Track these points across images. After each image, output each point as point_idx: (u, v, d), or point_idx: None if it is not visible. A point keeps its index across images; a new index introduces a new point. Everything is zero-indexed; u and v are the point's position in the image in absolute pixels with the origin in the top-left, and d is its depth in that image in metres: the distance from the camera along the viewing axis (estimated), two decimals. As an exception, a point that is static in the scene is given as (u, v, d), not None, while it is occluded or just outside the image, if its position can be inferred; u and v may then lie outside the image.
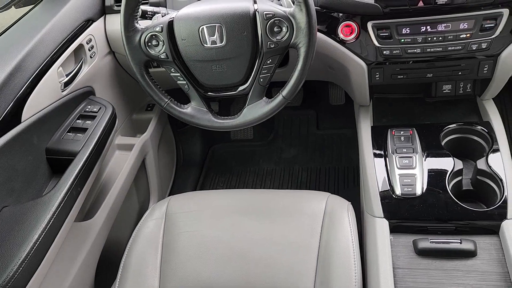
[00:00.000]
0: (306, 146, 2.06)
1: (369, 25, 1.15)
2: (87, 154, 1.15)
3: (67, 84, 1.23)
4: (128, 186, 1.49)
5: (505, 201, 1.05)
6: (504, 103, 1.80)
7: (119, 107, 1.55)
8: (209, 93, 1.10)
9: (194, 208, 1.17)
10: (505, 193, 1.06)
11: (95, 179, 1.25)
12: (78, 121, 1.24)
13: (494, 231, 1.03)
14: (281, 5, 1.05)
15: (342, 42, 1.19)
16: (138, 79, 1.09)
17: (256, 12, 1.00)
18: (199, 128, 1.13)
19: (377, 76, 1.23)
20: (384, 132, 1.26)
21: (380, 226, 1.08)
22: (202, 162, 2.07)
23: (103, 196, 1.37)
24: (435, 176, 1.13)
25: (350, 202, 1.13)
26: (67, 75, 1.23)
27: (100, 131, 1.22)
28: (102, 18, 1.39)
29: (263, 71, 1.04)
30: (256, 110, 1.07)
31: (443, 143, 1.23)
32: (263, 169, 2.00)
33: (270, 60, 1.03)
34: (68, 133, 1.20)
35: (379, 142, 1.25)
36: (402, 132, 1.24)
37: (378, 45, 1.16)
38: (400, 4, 1.09)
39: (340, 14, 1.16)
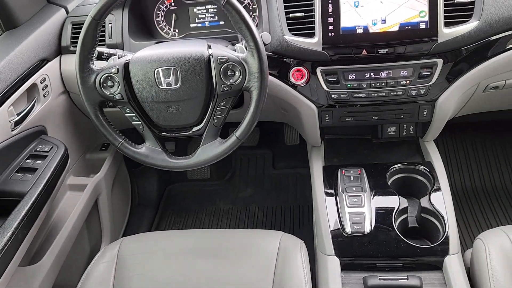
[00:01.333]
0: (262, 185, 2.09)
1: (318, 70, 1.22)
2: (35, 195, 1.11)
3: (17, 123, 1.21)
4: (79, 228, 1.44)
5: (447, 238, 1.11)
6: (445, 144, 1.93)
7: (72, 146, 1.52)
8: (163, 133, 1.12)
9: (147, 250, 1.15)
10: (447, 230, 1.12)
11: (44, 220, 1.21)
12: (28, 161, 1.21)
13: (438, 266, 1.08)
14: (235, 50, 1.10)
15: (293, 86, 1.25)
16: (92, 119, 1.09)
17: (211, 57, 1.04)
18: (155, 167, 1.13)
19: (327, 118, 1.30)
20: (335, 172, 1.31)
21: (331, 264, 1.10)
22: (158, 202, 2.04)
23: (51, 239, 1.32)
24: (383, 214, 1.18)
25: (303, 241, 1.16)
26: (18, 114, 1.21)
27: (50, 171, 1.19)
28: (57, 58, 1.39)
29: (217, 113, 1.07)
30: (210, 150, 1.09)
31: (389, 182, 1.29)
32: (220, 209, 2.00)
33: (224, 102, 1.06)
34: (17, 173, 1.17)
35: (330, 181, 1.29)
36: (351, 172, 1.30)
37: (327, 89, 1.23)
38: (346, 52, 1.17)
39: (292, 60, 1.23)
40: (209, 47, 1.07)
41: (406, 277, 1.04)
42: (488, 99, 1.38)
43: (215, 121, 1.08)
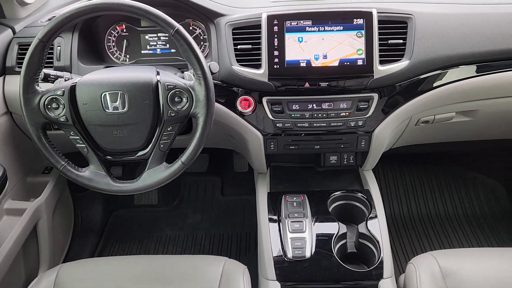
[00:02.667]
0: (210, 212, 2.09)
1: (264, 100, 1.27)
2: None
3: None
4: (14, 254, 1.38)
5: (381, 262, 1.16)
6: (385, 174, 2.04)
7: (12, 169, 1.47)
8: (108, 157, 1.12)
9: (85, 277, 1.12)
10: (381, 255, 1.18)
11: (-25, 246, 1.15)
12: (-38, 182, 1.16)
13: (373, 290, 1.13)
14: (183, 78, 1.13)
15: (241, 114, 1.30)
16: (35, 141, 1.07)
17: (159, 83, 1.06)
18: (100, 192, 1.12)
19: (272, 146, 1.34)
20: (279, 198, 1.36)
21: (272, 289, 1.12)
22: (103, 228, 1.99)
23: (-17, 266, 1.26)
24: (323, 240, 1.22)
25: (246, 266, 1.17)
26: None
27: (-14, 194, 1.15)
28: (1, 78, 1.36)
29: (163, 138, 1.09)
30: (156, 174, 1.10)
31: (330, 208, 1.34)
32: (167, 235, 1.97)
33: (171, 128, 1.08)
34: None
35: (274, 208, 1.33)
36: (294, 198, 1.34)
37: (272, 118, 1.28)
38: (290, 83, 1.24)
39: (239, 89, 1.27)
40: (158, 73, 1.09)
41: (343, 301, 1.08)
42: (420, 132, 1.48)
43: (161, 146, 1.09)
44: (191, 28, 1.38)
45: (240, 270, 1.14)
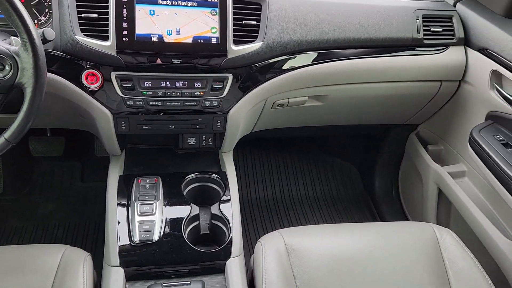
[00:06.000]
0: (67, 200, 1.92)
1: (113, 75, 1.18)
2: None
3: None
4: None
5: (230, 242, 1.17)
6: (245, 158, 2.08)
7: None
8: None
9: None
10: (231, 235, 1.18)
11: None
12: None
13: (221, 269, 1.13)
14: (10, 43, 0.99)
15: (86, 90, 1.19)
16: None
17: None
18: None
19: (123, 125, 1.26)
20: (131, 181, 1.28)
21: (115, 275, 1.06)
22: None
23: None
24: (173, 222, 1.18)
25: (89, 254, 1.09)
26: None
27: None
28: None
29: None
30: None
31: (186, 191, 1.31)
32: (11, 227, 1.76)
33: None
34: None
35: (124, 191, 1.25)
36: (147, 181, 1.28)
37: (122, 95, 1.20)
38: (140, 59, 1.16)
39: (85, 62, 1.16)
40: None
41: (189, 282, 1.06)
42: (277, 116, 1.53)
43: None
44: (31, -9, 1.22)
45: (81, 258, 1.05)
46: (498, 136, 1.28)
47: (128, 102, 1.21)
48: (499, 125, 1.34)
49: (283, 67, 1.29)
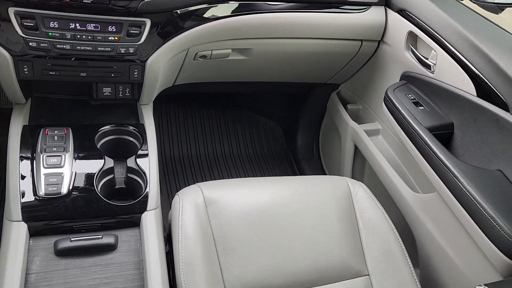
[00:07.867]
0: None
1: (11, 11, 1.05)
2: None
3: None
4: None
5: (146, 195, 1.13)
6: (167, 113, 2.02)
7: None
8: None
9: None
10: (148, 188, 1.14)
11: None
12: None
13: (136, 223, 1.09)
14: None
15: (-20, 27, 1.05)
16: None
17: None
18: None
19: (25, 69, 1.14)
20: (36, 132, 1.18)
21: (16, 231, 0.98)
22: None
23: None
24: (85, 175, 1.12)
25: None
26: None
27: None
28: None
29: None
30: None
31: (100, 144, 1.23)
32: None
33: None
34: None
35: (29, 143, 1.15)
36: (56, 132, 1.19)
37: (23, 35, 1.08)
38: (45, -5, 1.05)
39: (-22, -4, 1.02)
40: None
41: (100, 236, 1.01)
42: (200, 68, 1.47)
43: None
44: None
45: None
46: (410, 95, 1.35)
47: (30, 44, 1.09)
48: (411, 85, 1.40)
49: (205, 15, 1.23)
